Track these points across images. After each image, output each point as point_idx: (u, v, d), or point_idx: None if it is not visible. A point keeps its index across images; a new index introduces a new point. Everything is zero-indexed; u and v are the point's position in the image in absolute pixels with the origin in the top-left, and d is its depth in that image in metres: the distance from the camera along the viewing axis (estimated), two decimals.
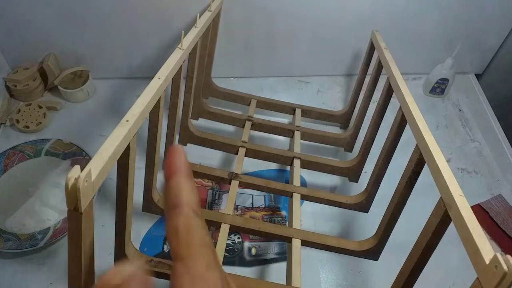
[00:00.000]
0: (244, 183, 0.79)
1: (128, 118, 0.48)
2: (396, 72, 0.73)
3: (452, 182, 0.45)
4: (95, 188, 0.38)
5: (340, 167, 0.88)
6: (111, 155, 0.41)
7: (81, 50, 1.08)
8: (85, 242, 0.38)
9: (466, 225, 0.38)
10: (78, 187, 0.34)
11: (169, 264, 0.60)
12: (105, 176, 0.40)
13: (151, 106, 0.55)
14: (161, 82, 0.58)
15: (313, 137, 0.98)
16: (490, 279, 0.33)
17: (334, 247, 0.70)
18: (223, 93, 1.07)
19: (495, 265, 0.32)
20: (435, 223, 0.46)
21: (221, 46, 1.06)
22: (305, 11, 1.03)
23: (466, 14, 1.07)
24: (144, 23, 1.02)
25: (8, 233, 0.81)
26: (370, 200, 0.78)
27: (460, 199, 0.41)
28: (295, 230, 0.69)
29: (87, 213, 0.37)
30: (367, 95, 0.93)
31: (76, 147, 0.95)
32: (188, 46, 0.71)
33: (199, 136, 0.90)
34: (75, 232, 0.37)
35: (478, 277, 0.34)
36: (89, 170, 0.35)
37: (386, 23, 1.05)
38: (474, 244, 0.36)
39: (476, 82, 1.22)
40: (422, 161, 0.56)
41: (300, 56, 1.16)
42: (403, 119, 0.65)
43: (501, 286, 0.31)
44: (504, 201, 0.93)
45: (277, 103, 1.06)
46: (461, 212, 0.39)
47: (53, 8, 0.97)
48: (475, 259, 0.36)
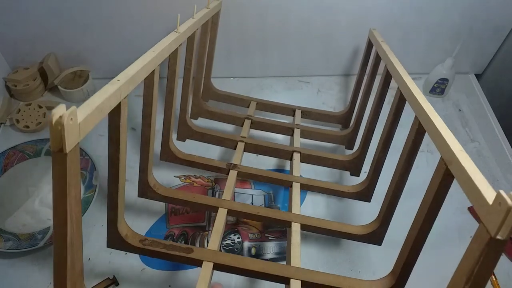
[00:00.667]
0: (242, 173, 0.80)
1: (119, 78, 0.49)
2: (393, 58, 0.74)
3: (451, 140, 0.45)
4: (81, 132, 0.38)
5: (341, 161, 0.88)
6: (98, 105, 0.41)
7: (81, 50, 1.10)
8: (71, 188, 0.38)
9: (468, 173, 0.38)
10: (62, 123, 0.34)
11: (163, 243, 0.60)
12: (92, 125, 0.41)
13: (144, 73, 0.56)
14: (155, 54, 0.58)
15: (313, 135, 0.98)
16: (494, 219, 0.32)
17: (335, 231, 0.70)
18: (223, 95, 1.08)
19: (498, 202, 0.32)
20: (437, 183, 0.47)
21: (221, 46, 1.07)
22: (305, 11, 1.04)
23: (466, 14, 1.08)
24: (144, 23, 1.03)
25: (8, 233, 0.82)
26: (371, 188, 0.79)
27: (461, 153, 0.41)
28: (294, 215, 0.70)
29: (73, 156, 0.37)
30: (366, 91, 0.94)
31: None
32: (185, 32, 0.71)
33: (198, 131, 0.90)
34: (60, 176, 0.37)
35: (483, 222, 0.34)
36: (74, 109, 0.36)
37: (386, 23, 1.06)
38: (477, 190, 0.36)
39: (476, 82, 1.22)
40: (421, 130, 0.56)
41: (300, 56, 1.17)
42: (401, 98, 0.66)
43: (507, 223, 0.31)
44: None
45: (276, 105, 1.07)
46: (461, 164, 0.39)
47: (53, 9, 0.99)
48: (479, 205, 0.35)
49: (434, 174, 0.48)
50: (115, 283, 0.77)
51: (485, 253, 0.33)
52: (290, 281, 0.57)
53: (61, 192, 0.38)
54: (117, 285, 0.77)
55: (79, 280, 0.44)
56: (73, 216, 0.40)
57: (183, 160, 0.83)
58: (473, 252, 0.34)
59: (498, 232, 0.32)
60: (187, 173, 0.95)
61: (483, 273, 0.34)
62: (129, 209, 0.88)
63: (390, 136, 0.72)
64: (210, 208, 0.70)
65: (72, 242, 0.40)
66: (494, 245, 0.33)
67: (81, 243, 0.43)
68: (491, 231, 0.33)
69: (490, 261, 0.33)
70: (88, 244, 0.83)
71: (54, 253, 0.40)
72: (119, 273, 0.79)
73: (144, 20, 1.02)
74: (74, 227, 0.40)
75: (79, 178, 0.40)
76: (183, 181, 0.94)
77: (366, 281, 0.59)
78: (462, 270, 0.36)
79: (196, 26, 0.80)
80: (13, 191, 0.89)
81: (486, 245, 0.33)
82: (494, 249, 0.33)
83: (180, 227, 0.86)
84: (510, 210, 0.31)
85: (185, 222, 0.87)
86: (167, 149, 0.83)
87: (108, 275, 0.77)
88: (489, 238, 0.33)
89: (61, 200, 0.38)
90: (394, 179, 0.64)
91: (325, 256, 0.83)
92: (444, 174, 0.45)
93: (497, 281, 0.79)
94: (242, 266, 0.58)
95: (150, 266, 0.80)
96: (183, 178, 0.95)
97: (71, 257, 0.41)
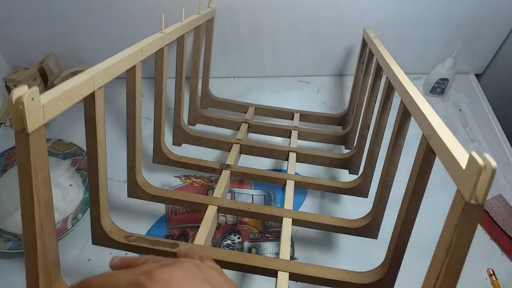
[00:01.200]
0: (235, 173, 0.79)
1: (93, 68, 0.49)
2: (384, 51, 0.74)
3: (431, 115, 0.44)
4: (46, 115, 0.38)
5: (338, 159, 0.87)
6: (66, 90, 0.41)
7: (81, 50, 1.10)
8: (36, 170, 0.37)
9: (444, 143, 0.37)
10: (22, 101, 0.34)
11: (148, 239, 0.59)
12: (58, 109, 0.41)
13: (122, 67, 0.56)
14: (134, 50, 0.58)
15: (311, 136, 0.97)
16: (468, 182, 0.31)
17: (329, 225, 0.68)
18: (221, 102, 1.08)
19: (472, 164, 0.30)
20: (420, 160, 0.46)
21: (221, 46, 1.08)
22: (306, 11, 1.04)
23: (466, 14, 1.07)
24: (145, 24, 1.03)
25: (8, 233, 0.81)
26: (367, 183, 0.77)
27: (440, 127, 0.40)
28: (286, 210, 0.69)
29: (37, 137, 0.37)
30: (362, 90, 0.94)
31: (76, 147, 0.96)
32: (170, 33, 0.72)
33: (193, 135, 0.90)
34: (23, 157, 0.36)
35: (458, 189, 0.32)
36: (36, 89, 0.36)
37: (387, 23, 1.06)
38: (452, 157, 0.34)
39: (476, 82, 1.21)
40: (406, 113, 0.55)
41: (300, 56, 1.16)
42: (390, 87, 0.65)
43: (480, 185, 0.30)
44: (504, 201, 0.91)
45: (275, 109, 1.06)
46: (440, 137, 0.38)
47: (53, 9, 1.00)
48: (454, 172, 0.34)
49: (417, 152, 0.47)
50: None
51: (462, 220, 0.31)
52: (278, 273, 0.55)
53: (26, 174, 0.37)
54: None
55: (54, 270, 0.43)
56: (41, 200, 0.39)
57: (176, 162, 0.82)
58: (451, 222, 0.33)
59: (472, 196, 0.30)
60: (187, 173, 0.95)
61: (462, 242, 0.32)
62: (129, 210, 0.88)
63: (382, 127, 0.70)
64: (201, 205, 0.69)
65: (41, 227, 0.39)
66: (470, 211, 0.31)
67: (54, 230, 0.42)
68: (466, 196, 0.31)
69: (467, 229, 0.31)
70: (88, 244, 0.81)
71: (24, 239, 0.40)
72: None
73: (144, 20, 1.02)
74: (44, 211, 0.39)
75: (46, 161, 0.39)
76: (183, 181, 0.94)
77: (357, 272, 0.57)
78: (442, 243, 0.34)
79: (185, 30, 0.81)
80: (13, 191, 0.89)
81: (462, 211, 0.31)
82: (470, 215, 0.31)
83: (180, 227, 0.86)
84: (481, 170, 0.29)
85: (185, 222, 0.87)
86: (159, 152, 0.82)
87: None
88: (464, 204, 0.31)
89: (26, 182, 0.37)
90: (385, 167, 0.63)
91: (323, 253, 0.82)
92: (425, 150, 0.44)
93: (497, 281, 0.78)
94: (228, 260, 0.56)
95: None
96: (183, 178, 0.95)
97: (42, 243, 0.40)
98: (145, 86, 1.12)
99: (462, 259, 0.32)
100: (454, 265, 0.32)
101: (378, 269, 0.57)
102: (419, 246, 0.57)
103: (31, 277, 0.40)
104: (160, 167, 0.86)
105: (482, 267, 0.81)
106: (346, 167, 0.88)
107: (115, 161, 0.75)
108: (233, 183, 0.95)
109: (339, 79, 1.22)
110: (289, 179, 0.77)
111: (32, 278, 0.40)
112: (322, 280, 0.56)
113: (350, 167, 0.88)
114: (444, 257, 0.33)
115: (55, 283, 0.43)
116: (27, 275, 0.40)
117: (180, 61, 0.83)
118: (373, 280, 0.55)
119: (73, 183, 0.91)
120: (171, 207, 0.89)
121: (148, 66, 1.10)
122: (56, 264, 0.44)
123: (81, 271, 0.79)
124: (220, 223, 0.87)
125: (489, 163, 0.29)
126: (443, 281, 0.33)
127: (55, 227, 0.42)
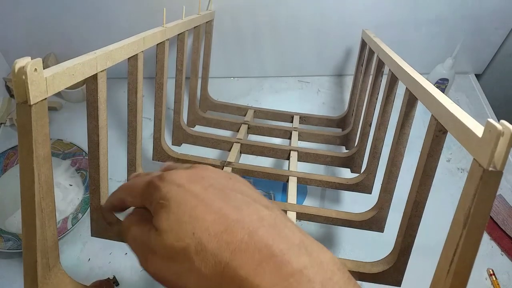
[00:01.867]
0: (237, 170, 0.77)
1: (96, 51, 0.48)
2: (385, 47, 0.74)
3: (441, 97, 0.43)
4: (49, 88, 0.37)
5: (340, 157, 0.86)
6: (69, 67, 0.41)
7: (81, 50, 1.09)
8: (38, 145, 0.36)
9: (457, 118, 0.35)
10: (25, 71, 0.33)
11: None
12: (62, 85, 0.40)
13: (125, 54, 0.56)
14: (137, 38, 0.59)
15: (311, 136, 0.96)
16: (485, 149, 0.29)
17: (333, 218, 0.66)
18: (220, 105, 1.08)
19: (488, 130, 0.29)
20: (429, 142, 0.45)
21: (221, 46, 1.07)
22: (306, 11, 1.04)
23: (466, 14, 1.07)
24: (145, 24, 1.02)
25: (8, 233, 0.81)
26: (371, 178, 0.76)
27: (451, 105, 0.39)
28: (290, 204, 0.67)
29: (39, 110, 0.36)
30: (362, 90, 0.93)
31: (76, 147, 0.95)
32: (172, 28, 0.72)
33: (193, 135, 0.89)
34: (24, 130, 0.35)
35: (475, 158, 0.31)
36: (39, 60, 0.34)
37: (386, 23, 1.06)
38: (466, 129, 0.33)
39: (476, 82, 1.21)
40: (412, 99, 0.54)
41: (300, 56, 1.16)
42: (393, 79, 0.64)
43: (499, 150, 0.29)
44: (504, 201, 0.90)
45: (274, 112, 1.06)
46: (452, 113, 0.37)
47: (53, 8, 1.00)
48: (470, 143, 0.33)
49: (427, 133, 0.46)
50: (115, 283, 0.76)
51: (480, 189, 0.30)
52: None
53: (27, 149, 0.36)
54: (117, 285, 0.76)
55: (53, 254, 0.41)
56: (42, 177, 0.37)
57: (176, 159, 0.81)
58: (468, 192, 0.32)
59: (490, 162, 0.29)
60: None
61: (480, 212, 0.31)
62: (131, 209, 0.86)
63: (386, 121, 0.70)
64: None
65: (41, 207, 0.38)
66: (488, 178, 0.30)
67: (54, 210, 0.40)
68: (483, 163, 0.30)
69: (486, 197, 0.30)
70: (88, 244, 0.82)
71: (22, 220, 0.38)
72: (119, 273, 0.77)
73: (145, 21, 1.01)
74: (44, 190, 0.38)
75: (48, 138, 0.38)
76: None
77: (365, 262, 0.56)
78: (459, 214, 0.33)
79: (186, 27, 0.81)
80: (13, 191, 0.89)
81: (480, 179, 0.30)
82: (488, 184, 0.30)
83: None
84: (499, 136, 0.28)
85: None
86: (159, 149, 0.81)
87: (108, 275, 0.76)
88: (482, 171, 0.30)
89: (27, 158, 0.36)
90: (390, 157, 0.61)
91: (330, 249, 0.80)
92: (435, 130, 0.43)
93: (497, 281, 0.77)
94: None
95: None
96: None
97: (41, 223, 0.38)
98: (145, 87, 1.11)
99: (481, 229, 0.31)
100: (473, 236, 0.31)
101: (387, 258, 0.55)
102: (426, 247, 0.56)
103: (29, 261, 0.38)
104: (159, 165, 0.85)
105: (482, 267, 0.80)
106: (347, 166, 0.87)
107: (115, 161, 0.75)
108: None
109: (339, 79, 1.22)
110: (292, 175, 0.76)
111: (29, 262, 0.38)
112: None
113: (352, 165, 0.86)
114: (461, 230, 0.32)
115: (54, 268, 0.41)
116: (25, 258, 0.39)
117: (180, 59, 0.83)
118: (382, 269, 0.54)
119: (73, 183, 0.90)
120: None
121: (148, 66, 1.11)
122: (55, 249, 0.42)
123: (81, 271, 0.78)
124: None
125: (508, 128, 0.28)
126: (461, 254, 0.32)
127: (54, 210, 0.41)
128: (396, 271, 0.53)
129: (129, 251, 0.81)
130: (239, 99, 1.13)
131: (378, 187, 0.74)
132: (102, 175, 0.53)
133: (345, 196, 0.91)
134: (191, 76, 0.97)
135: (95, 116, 0.49)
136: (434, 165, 0.46)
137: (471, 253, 0.32)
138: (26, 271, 0.39)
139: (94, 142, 0.50)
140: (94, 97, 0.48)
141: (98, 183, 0.53)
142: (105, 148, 0.53)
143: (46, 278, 0.41)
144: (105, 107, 0.51)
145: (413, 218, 0.49)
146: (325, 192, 0.92)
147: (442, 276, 0.34)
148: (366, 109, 0.83)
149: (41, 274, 0.40)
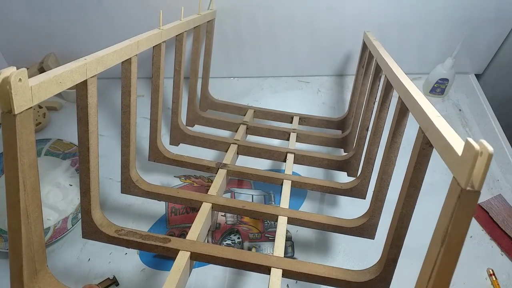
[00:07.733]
0: (232, 172, 0.78)
1: (87, 57, 0.48)
2: (384, 52, 0.73)
3: (429, 109, 0.43)
4: (34, 97, 0.37)
5: (337, 161, 0.85)
6: (56, 75, 0.41)
7: (81, 50, 1.09)
8: (23, 153, 0.37)
9: (441, 133, 0.36)
10: (9, 81, 0.33)
11: (139, 233, 0.58)
12: (48, 93, 0.40)
13: (117, 58, 0.55)
14: (130, 42, 0.58)
15: (310, 138, 0.96)
16: (464, 169, 0.30)
17: (324, 224, 0.66)
18: (220, 105, 1.08)
19: (467, 149, 0.29)
20: (416, 154, 0.45)
21: (221, 46, 1.07)
22: (306, 11, 1.04)
23: (466, 14, 1.06)
24: (145, 24, 1.02)
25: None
26: (365, 184, 0.75)
27: (437, 119, 0.39)
28: (282, 209, 0.67)
29: (24, 119, 0.36)
30: (362, 92, 0.93)
31: (76, 147, 0.96)
32: (169, 30, 0.72)
33: (191, 135, 0.89)
34: (9, 139, 0.36)
35: (454, 176, 0.31)
36: (24, 71, 0.35)
37: (387, 24, 1.06)
38: (449, 146, 0.33)
39: (476, 82, 1.20)
40: (404, 109, 0.54)
41: (300, 56, 1.16)
42: (388, 86, 0.64)
43: (476, 170, 0.29)
44: (504, 201, 0.90)
45: (274, 112, 1.06)
46: (437, 127, 0.37)
47: (53, 9, 1.00)
48: (451, 161, 0.33)
49: (414, 146, 0.46)
50: (115, 283, 0.76)
51: (457, 208, 0.30)
52: (271, 270, 0.54)
53: (11, 157, 0.36)
54: (117, 285, 0.77)
55: (39, 259, 0.42)
56: (27, 185, 0.38)
57: (172, 160, 0.81)
58: (447, 211, 0.32)
59: (468, 182, 0.29)
60: (187, 173, 0.95)
61: (457, 231, 0.31)
62: (129, 210, 0.88)
63: (380, 127, 0.69)
64: (195, 202, 0.68)
65: (27, 213, 0.38)
66: (466, 198, 0.30)
67: (41, 216, 0.41)
68: (461, 182, 0.30)
69: (464, 217, 0.30)
70: (88, 244, 0.82)
71: (8, 226, 0.38)
72: (119, 273, 0.78)
73: (145, 21, 1.02)
74: (29, 196, 0.38)
75: (33, 145, 0.39)
76: (183, 181, 0.94)
77: (352, 271, 0.56)
78: (437, 232, 0.33)
79: (184, 28, 0.80)
80: None
81: (457, 198, 0.30)
82: (466, 203, 0.30)
83: (180, 227, 0.86)
84: (477, 156, 0.28)
85: (185, 222, 0.87)
86: (155, 149, 0.81)
87: (108, 275, 0.77)
88: (460, 191, 0.30)
89: (12, 165, 0.36)
90: (382, 165, 0.61)
91: (323, 254, 0.82)
92: (422, 143, 0.43)
93: (497, 281, 0.77)
94: (221, 255, 0.55)
95: (150, 266, 0.79)
96: (184, 178, 0.95)
97: (27, 229, 0.39)
98: (145, 87, 1.12)
99: (458, 248, 0.31)
100: (449, 255, 0.31)
101: (374, 267, 0.55)
102: (416, 250, 0.56)
103: (15, 266, 0.39)
104: (159, 167, 0.85)
105: (482, 267, 0.80)
106: (344, 169, 0.87)
107: (115, 161, 0.75)
108: (233, 184, 0.94)
109: (339, 79, 1.21)
110: (286, 179, 0.76)
111: (16, 267, 0.39)
112: (317, 277, 0.55)
113: (348, 169, 0.86)
114: (439, 247, 0.32)
115: (40, 272, 0.42)
116: (11, 263, 0.40)
117: (178, 60, 0.83)
118: (368, 278, 0.54)
119: (73, 183, 0.90)
120: (171, 207, 0.89)
121: (148, 66, 1.11)
122: (42, 253, 0.42)
123: (81, 271, 0.78)
124: (220, 223, 0.86)
125: (486, 148, 0.28)
126: (438, 272, 0.32)
127: (41, 214, 0.41)
128: (382, 281, 0.53)
129: (129, 251, 0.81)
130: (239, 99, 1.13)
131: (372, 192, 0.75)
132: (93, 178, 0.53)
133: (344, 199, 0.91)
134: (191, 76, 0.97)
135: (85, 121, 0.50)
136: (420, 177, 0.46)
137: (448, 270, 0.32)
138: (13, 276, 0.40)
139: (85, 147, 0.51)
140: (84, 102, 0.49)
141: (88, 186, 0.54)
142: (95, 152, 0.53)
143: (33, 281, 0.41)
144: (95, 112, 0.51)
145: (399, 230, 0.49)
146: (325, 195, 0.92)
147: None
148: (364, 113, 0.83)
149: (27, 278, 0.40)
